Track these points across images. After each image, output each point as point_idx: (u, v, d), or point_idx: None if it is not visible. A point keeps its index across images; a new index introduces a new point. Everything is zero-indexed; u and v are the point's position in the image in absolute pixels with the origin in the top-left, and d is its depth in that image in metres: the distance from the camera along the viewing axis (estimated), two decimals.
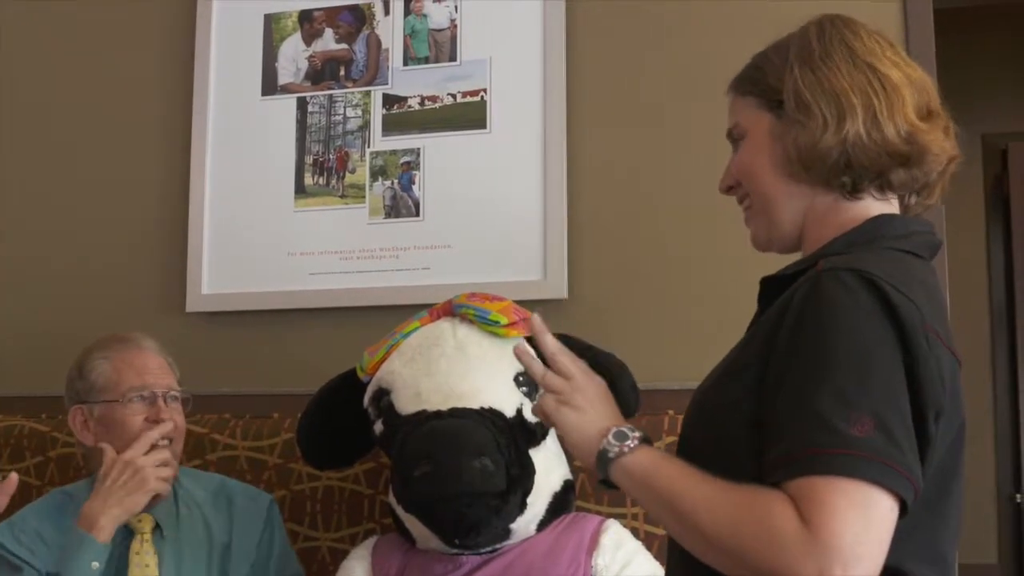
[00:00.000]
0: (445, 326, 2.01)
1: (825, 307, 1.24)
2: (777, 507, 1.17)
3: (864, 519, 1.15)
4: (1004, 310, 4.19)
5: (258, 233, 2.64)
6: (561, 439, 1.46)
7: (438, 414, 1.87)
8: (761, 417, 1.27)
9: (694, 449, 1.36)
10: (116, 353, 2.11)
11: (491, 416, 1.87)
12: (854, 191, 1.39)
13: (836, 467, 1.15)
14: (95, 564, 1.89)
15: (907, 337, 1.21)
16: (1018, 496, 3.84)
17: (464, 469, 1.79)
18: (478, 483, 1.79)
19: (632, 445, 1.35)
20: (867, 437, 1.16)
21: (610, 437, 1.36)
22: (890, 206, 1.42)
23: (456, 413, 1.86)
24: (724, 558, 1.23)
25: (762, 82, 1.45)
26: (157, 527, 2.06)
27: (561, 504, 1.97)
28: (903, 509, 1.18)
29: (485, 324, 1.98)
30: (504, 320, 1.97)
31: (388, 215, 2.57)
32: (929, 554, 1.29)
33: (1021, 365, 3.99)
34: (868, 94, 1.36)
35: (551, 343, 1.50)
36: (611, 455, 1.35)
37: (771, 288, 1.42)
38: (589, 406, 1.43)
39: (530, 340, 2.01)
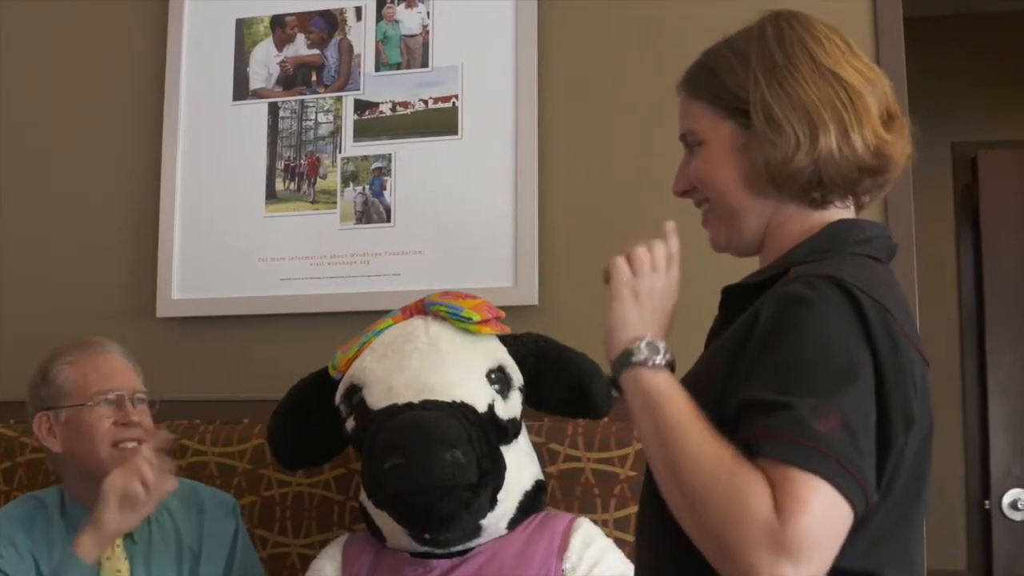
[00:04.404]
0: (418, 323, 2.02)
1: (799, 309, 1.23)
2: (756, 486, 1.14)
3: (828, 522, 1.14)
4: (974, 317, 4.21)
5: (229, 238, 2.63)
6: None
7: (409, 406, 1.87)
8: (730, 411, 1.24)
9: None
10: (80, 357, 2.09)
11: (463, 410, 1.87)
12: (823, 204, 1.40)
13: (810, 463, 1.13)
14: None
15: (877, 342, 1.21)
16: (987, 502, 3.85)
17: (435, 461, 1.78)
18: (449, 475, 1.79)
19: (658, 361, 1.32)
20: (830, 435, 1.14)
21: (642, 344, 1.33)
22: (847, 209, 1.42)
23: (428, 405, 1.86)
24: (685, 503, 1.21)
25: (719, 88, 1.42)
26: (128, 532, 2.03)
27: (532, 503, 1.97)
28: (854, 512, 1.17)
29: (457, 321, 1.98)
30: (477, 317, 1.97)
31: (359, 221, 2.56)
32: (903, 558, 1.30)
33: (990, 373, 4.00)
34: (838, 108, 1.35)
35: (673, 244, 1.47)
36: (634, 360, 1.32)
37: (734, 297, 1.42)
38: (647, 306, 1.39)
39: (502, 339, 2.02)
